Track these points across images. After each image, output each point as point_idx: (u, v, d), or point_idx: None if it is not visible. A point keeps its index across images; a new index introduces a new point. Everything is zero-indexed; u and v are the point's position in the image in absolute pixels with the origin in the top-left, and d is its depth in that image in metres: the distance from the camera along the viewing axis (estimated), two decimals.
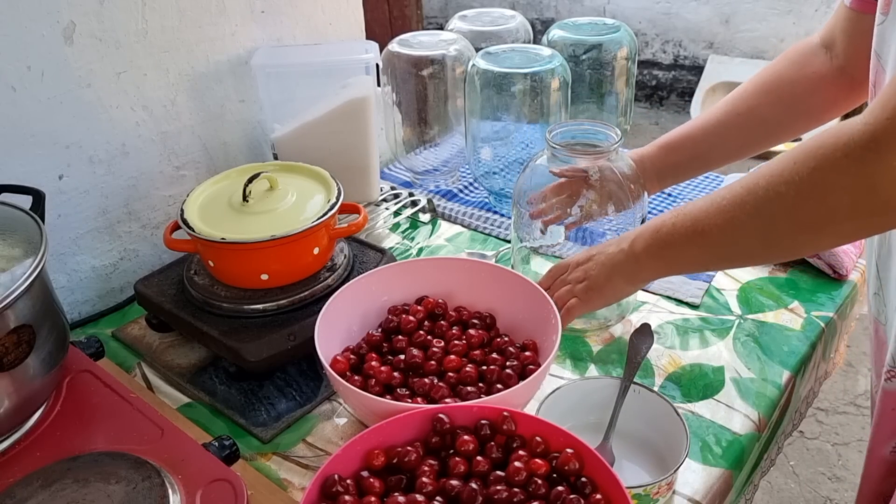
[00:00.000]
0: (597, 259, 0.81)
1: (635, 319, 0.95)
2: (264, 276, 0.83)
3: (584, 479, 0.59)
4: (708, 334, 0.92)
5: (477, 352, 0.79)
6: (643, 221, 0.89)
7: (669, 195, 1.23)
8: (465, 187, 1.27)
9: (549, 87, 1.09)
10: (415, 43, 1.19)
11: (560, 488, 0.58)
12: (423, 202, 1.18)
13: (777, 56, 0.92)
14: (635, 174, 0.88)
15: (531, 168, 0.91)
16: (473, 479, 0.60)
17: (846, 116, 0.72)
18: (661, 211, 1.19)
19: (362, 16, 1.26)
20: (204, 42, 1.02)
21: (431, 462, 0.62)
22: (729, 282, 1.02)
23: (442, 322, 0.82)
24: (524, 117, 1.13)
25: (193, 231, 0.81)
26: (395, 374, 0.76)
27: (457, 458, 0.62)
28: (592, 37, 1.22)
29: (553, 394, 0.76)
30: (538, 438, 0.62)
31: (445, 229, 1.17)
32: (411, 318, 0.81)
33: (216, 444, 0.69)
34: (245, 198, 0.85)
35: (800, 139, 1.02)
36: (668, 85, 4.01)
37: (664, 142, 0.96)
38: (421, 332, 0.81)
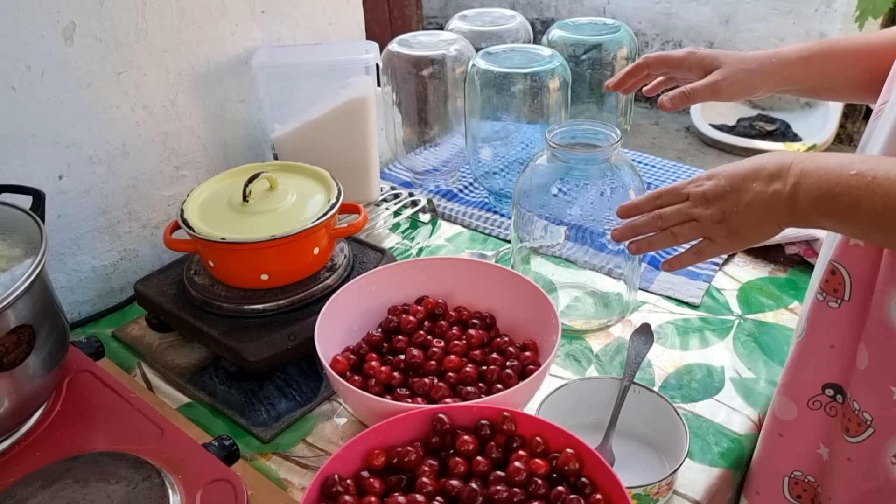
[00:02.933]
0: (738, 198, 0.65)
1: (635, 319, 0.95)
2: (264, 276, 0.83)
3: (584, 479, 0.59)
4: (708, 334, 0.92)
5: (477, 352, 0.79)
6: None
7: None
8: (465, 187, 1.27)
9: (549, 87, 1.09)
10: (415, 43, 1.19)
11: (560, 488, 0.58)
12: (423, 202, 1.18)
13: None
14: (635, 174, 0.88)
15: (531, 168, 0.91)
16: (473, 479, 0.60)
17: None
18: None
19: (362, 16, 1.25)
20: (204, 42, 1.02)
21: (431, 462, 0.62)
22: (729, 282, 1.02)
23: (442, 322, 0.82)
24: (524, 117, 1.13)
25: (193, 231, 0.81)
26: (395, 374, 0.76)
27: (457, 458, 0.62)
28: (592, 37, 1.22)
29: (553, 394, 0.76)
30: (538, 438, 0.62)
31: (445, 229, 1.17)
32: (411, 318, 0.81)
33: (216, 444, 0.69)
34: (245, 198, 0.85)
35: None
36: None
37: (808, 55, 0.83)
38: (421, 332, 0.81)
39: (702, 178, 0.68)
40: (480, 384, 0.75)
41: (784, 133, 3.41)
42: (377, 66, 1.07)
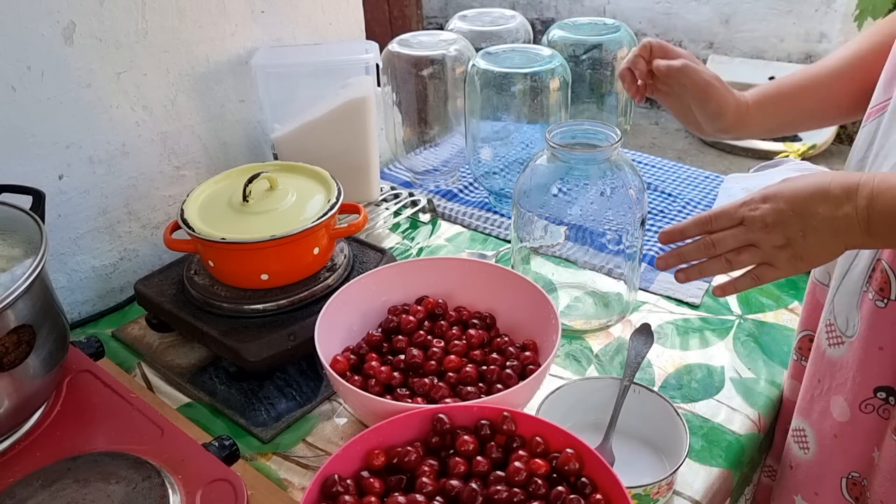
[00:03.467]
0: (803, 223, 0.62)
1: (635, 319, 0.95)
2: (264, 276, 0.83)
3: (584, 479, 0.59)
4: (708, 334, 0.92)
5: (477, 352, 0.79)
6: (643, 222, 0.89)
7: (669, 195, 1.23)
8: (465, 187, 1.27)
9: (549, 87, 1.09)
10: (415, 43, 1.19)
11: (560, 488, 0.58)
12: (423, 202, 1.18)
13: (778, 53, 0.90)
14: (635, 174, 0.88)
15: (531, 168, 0.91)
16: (473, 479, 0.60)
17: None
18: (662, 211, 1.19)
19: (362, 16, 1.26)
20: (204, 42, 1.02)
21: (431, 462, 0.62)
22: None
23: (442, 322, 0.82)
24: (524, 117, 1.13)
25: (193, 231, 0.81)
26: (395, 374, 0.76)
27: (457, 458, 0.62)
28: (592, 37, 1.22)
29: (553, 394, 0.76)
30: (538, 438, 0.62)
31: (445, 229, 1.17)
32: (411, 318, 0.81)
33: (216, 444, 0.69)
34: (245, 198, 0.85)
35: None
36: None
37: (761, 98, 0.83)
38: (421, 332, 0.81)
39: (755, 200, 0.65)
40: (480, 384, 0.75)
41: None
42: (377, 66, 1.07)
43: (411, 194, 1.20)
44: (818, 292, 0.81)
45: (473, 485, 0.59)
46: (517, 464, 0.60)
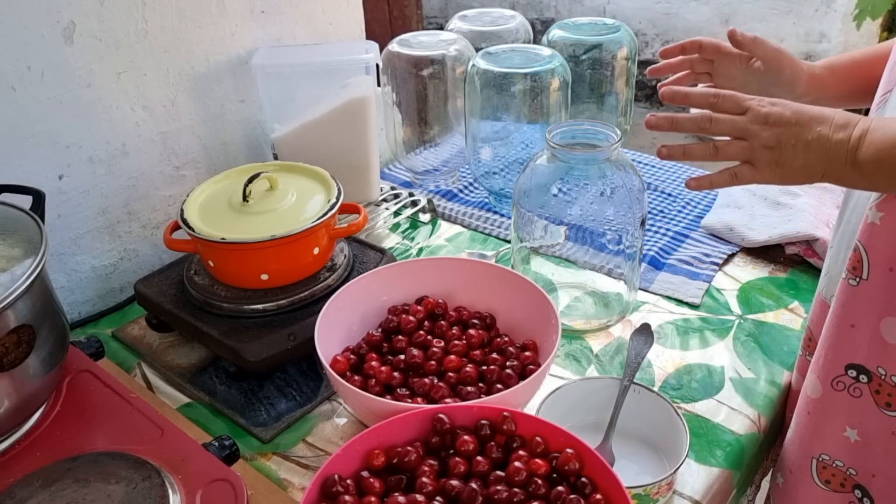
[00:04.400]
0: (800, 133, 0.64)
1: (635, 319, 0.95)
2: (264, 276, 0.83)
3: (584, 479, 0.59)
4: (708, 334, 0.92)
5: (477, 352, 0.79)
6: (643, 222, 0.89)
7: (669, 195, 1.23)
8: (465, 187, 1.27)
9: (549, 87, 1.09)
10: (415, 43, 1.19)
11: (560, 488, 0.58)
12: (423, 202, 1.18)
13: None
14: (635, 174, 0.88)
15: (531, 168, 0.91)
16: (473, 479, 0.60)
17: None
18: (662, 211, 1.19)
19: (362, 16, 1.26)
20: (204, 42, 1.02)
21: (431, 462, 0.62)
22: (729, 282, 1.02)
23: (442, 322, 0.82)
24: (524, 117, 1.13)
25: (193, 231, 0.81)
26: (395, 374, 0.76)
27: (457, 458, 0.62)
28: (592, 37, 1.22)
29: (553, 394, 0.76)
30: (538, 438, 0.62)
31: (445, 229, 1.17)
32: (411, 318, 0.81)
33: (216, 444, 0.69)
34: (245, 198, 0.85)
35: None
36: None
37: (832, 64, 0.87)
38: (421, 332, 0.81)
39: (765, 99, 0.66)
40: (480, 384, 0.75)
41: None
42: (377, 66, 1.07)
43: (411, 194, 1.20)
44: None
45: (473, 485, 0.59)
46: (517, 464, 0.60)
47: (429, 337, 0.80)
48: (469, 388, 0.73)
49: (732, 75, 0.87)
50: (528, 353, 0.78)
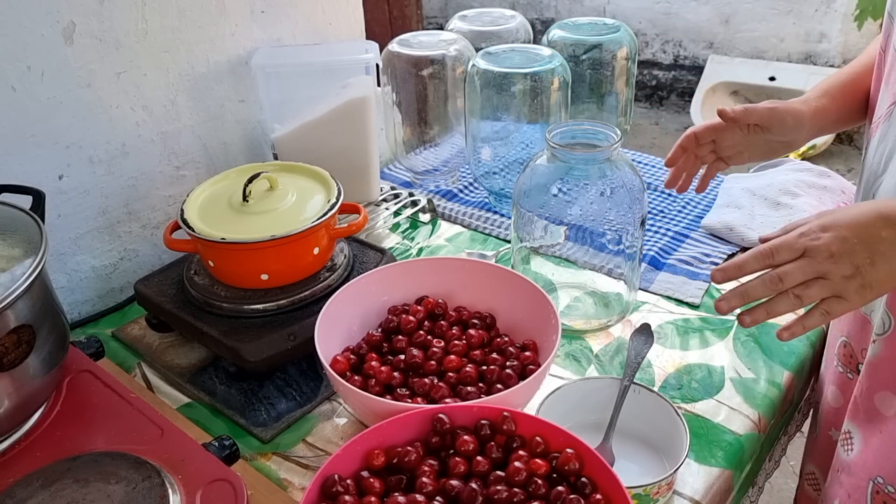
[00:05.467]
0: (871, 249, 0.61)
1: (635, 319, 0.95)
2: (264, 276, 0.83)
3: (584, 479, 0.59)
4: (708, 334, 0.92)
5: (477, 352, 0.79)
6: (643, 222, 0.89)
7: (670, 195, 1.23)
8: (465, 187, 1.27)
9: (549, 87, 1.09)
10: (415, 43, 1.19)
11: (560, 488, 0.58)
12: (423, 202, 1.18)
13: (778, 53, 0.92)
14: (635, 174, 0.88)
15: (531, 168, 0.91)
16: (473, 479, 0.60)
17: None
18: (662, 211, 1.19)
19: (362, 16, 1.26)
20: (204, 42, 1.02)
21: (431, 462, 0.62)
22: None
23: (442, 322, 0.82)
24: (524, 117, 1.13)
25: (193, 231, 0.81)
26: (395, 374, 0.76)
27: (457, 458, 0.62)
28: (592, 37, 1.22)
29: (553, 394, 0.76)
30: (538, 438, 0.62)
31: (445, 229, 1.17)
32: (411, 318, 0.81)
33: (216, 444, 0.69)
34: (245, 198, 0.85)
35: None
36: (668, 85, 4.01)
37: (828, 89, 0.86)
38: (421, 332, 0.81)
39: (813, 230, 0.63)
40: (480, 384, 0.75)
41: None
42: (377, 66, 1.07)
43: (411, 194, 1.20)
44: None
45: (473, 485, 0.59)
46: (517, 464, 0.60)
47: (429, 337, 0.80)
48: (469, 388, 0.73)
49: (736, 143, 0.87)
50: (528, 353, 0.78)
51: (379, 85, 1.17)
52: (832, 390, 0.84)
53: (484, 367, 0.76)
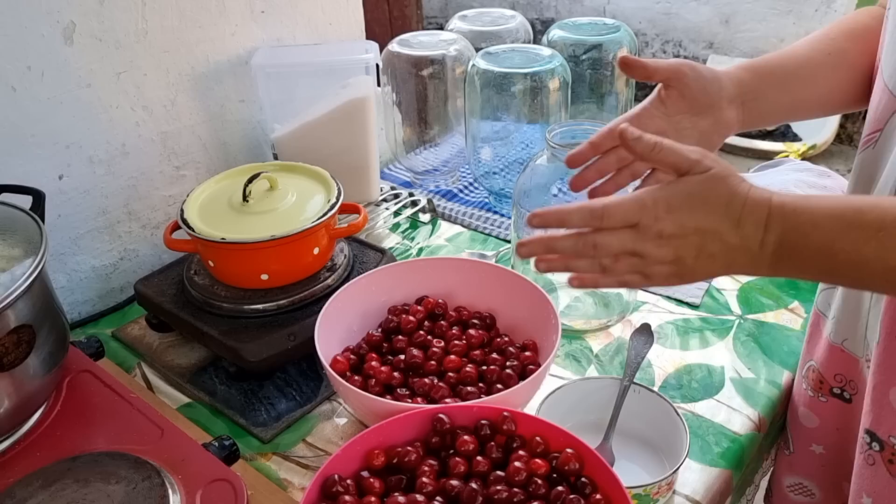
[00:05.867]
0: (702, 246, 0.55)
1: (635, 319, 0.95)
2: (264, 276, 0.83)
3: (584, 479, 0.59)
4: (708, 334, 0.92)
5: (477, 352, 0.79)
6: None
7: None
8: (465, 187, 1.27)
9: (549, 87, 1.09)
10: (415, 43, 1.19)
11: (560, 488, 0.58)
12: (423, 202, 1.18)
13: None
14: None
15: (531, 168, 0.91)
16: (473, 479, 0.60)
17: None
18: None
19: (362, 16, 1.25)
20: (204, 42, 1.02)
21: (431, 462, 0.62)
22: (729, 282, 1.02)
23: (442, 322, 0.82)
24: (524, 117, 1.13)
25: (193, 231, 0.81)
26: (395, 374, 0.76)
27: (457, 458, 0.62)
28: (592, 37, 1.22)
29: (553, 394, 0.76)
30: (538, 438, 0.62)
31: (445, 229, 1.17)
32: (411, 318, 0.81)
33: (216, 444, 0.69)
34: (245, 198, 0.85)
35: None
36: None
37: (751, 64, 0.74)
38: (421, 332, 0.81)
39: (659, 206, 0.55)
40: (480, 384, 0.75)
41: (784, 133, 3.41)
42: (377, 66, 1.07)
43: (411, 194, 1.19)
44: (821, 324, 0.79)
45: (473, 485, 0.59)
46: (517, 464, 0.60)
47: (429, 337, 0.80)
48: (469, 388, 0.73)
49: (661, 132, 0.69)
50: (528, 353, 0.78)
51: (379, 85, 1.17)
52: (804, 412, 0.83)
53: (484, 367, 0.76)
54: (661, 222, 0.55)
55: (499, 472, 0.60)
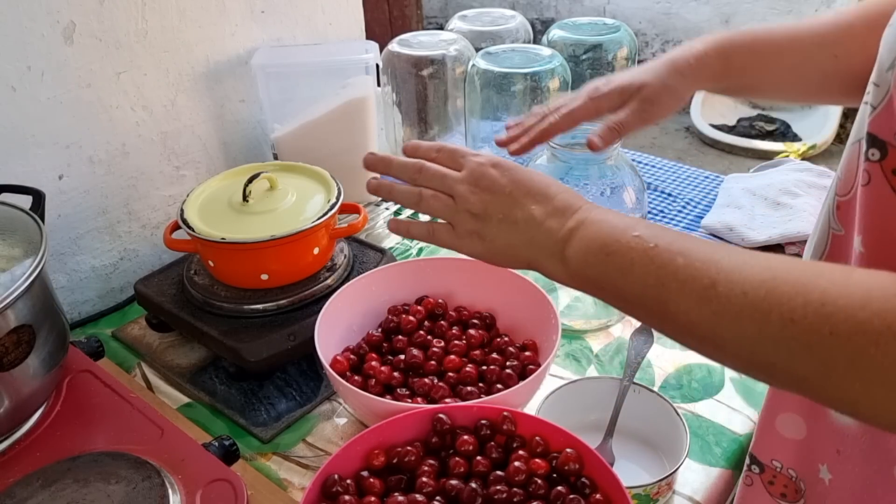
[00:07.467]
0: (511, 208, 0.56)
1: (635, 319, 0.94)
2: (264, 276, 0.83)
3: (584, 479, 0.59)
4: None
5: (477, 352, 0.79)
6: None
7: (669, 195, 1.23)
8: None
9: (549, 87, 1.09)
10: (415, 43, 1.19)
11: (560, 488, 0.58)
12: None
13: None
14: (635, 174, 0.88)
15: (531, 168, 0.91)
16: (473, 479, 0.60)
17: None
18: (662, 211, 1.19)
19: (362, 16, 1.26)
20: (204, 42, 1.02)
21: (431, 462, 0.62)
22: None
23: (442, 322, 0.82)
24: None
25: (193, 231, 0.81)
26: (395, 374, 0.76)
27: (457, 458, 0.62)
28: (592, 37, 1.22)
29: (553, 394, 0.76)
30: (538, 438, 0.62)
31: None
32: (411, 318, 0.81)
33: (216, 444, 0.69)
34: (245, 198, 0.85)
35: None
36: None
37: (728, 51, 0.72)
38: (421, 332, 0.81)
39: (490, 160, 0.58)
40: (480, 384, 0.75)
41: (784, 133, 3.42)
42: (377, 66, 1.07)
43: None
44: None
45: (473, 485, 0.59)
46: (517, 464, 0.60)
47: (429, 337, 0.80)
48: (469, 388, 0.73)
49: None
50: (528, 353, 0.78)
51: (379, 85, 1.17)
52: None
53: (484, 367, 0.76)
54: (482, 171, 0.58)
55: (499, 472, 0.60)
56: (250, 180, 0.85)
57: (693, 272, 0.46)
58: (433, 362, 0.77)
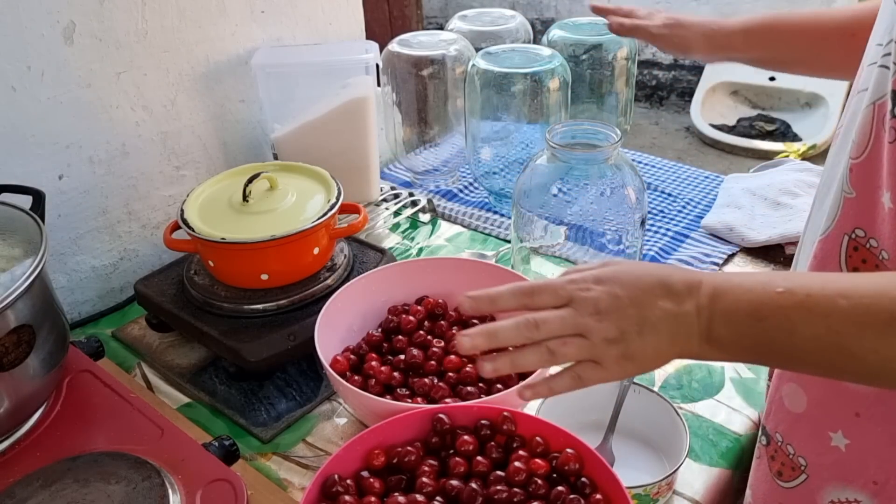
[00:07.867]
0: (641, 315, 0.52)
1: None
2: (264, 276, 0.83)
3: (584, 479, 0.59)
4: None
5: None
6: (643, 222, 0.89)
7: (669, 195, 1.23)
8: (465, 187, 1.27)
9: (548, 87, 1.09)
10: (415, 43, 1.19)
11: (560, 488, 0.58)
12: (423, 202, 1.18)
13: None
14: (635, 174, 0.88)
15: (531, 168, 0.91)
16: (473, 479, 0.60)
17: None
18: (662, 211, 1.19)
19: (362, 16, 1.26)
20: (204, 42, 1.02)
21: (431, 462, 0.62)
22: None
23: (442, 322, 0.82)
24: (524, 117, 1.13)
25: (193, 231, 0.81)
26: (395, 374, 0.76)
27: (457, 458, 0.62)
28: (592, 37, 1.22)
29: None
30: (538, 438, 0.62)
31: (445, 229, 1.17)
32: (411, 318, 0.81)
33: (216, 444, 0.69)
34: (245, 198, 0.85)
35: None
36: (668, 85, 4.01)
37: (751, 27, 0.89)
38: (421, 332, 0.81)
39: (588, 279, 0.54)
40: (480, 384, 0.75)
41: (784, 133, 3.41)
42: (377, 66, 1.07)
43: (411, 194, 1.19)
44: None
45: (473, 485, 0.59)
46: (517, 464, 0.60)
47: (429, 337, 0.80)
48: (469, 388, 0.73)
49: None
50: None
51: (379, 85, 1.17)
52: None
53: None
54: (593, 293, 0.53)
55: (499, 472, 0.60)
56: (250, 180, 0.85)
57: (864, 310, 0.45)
58: (433, 362, 0.77)
